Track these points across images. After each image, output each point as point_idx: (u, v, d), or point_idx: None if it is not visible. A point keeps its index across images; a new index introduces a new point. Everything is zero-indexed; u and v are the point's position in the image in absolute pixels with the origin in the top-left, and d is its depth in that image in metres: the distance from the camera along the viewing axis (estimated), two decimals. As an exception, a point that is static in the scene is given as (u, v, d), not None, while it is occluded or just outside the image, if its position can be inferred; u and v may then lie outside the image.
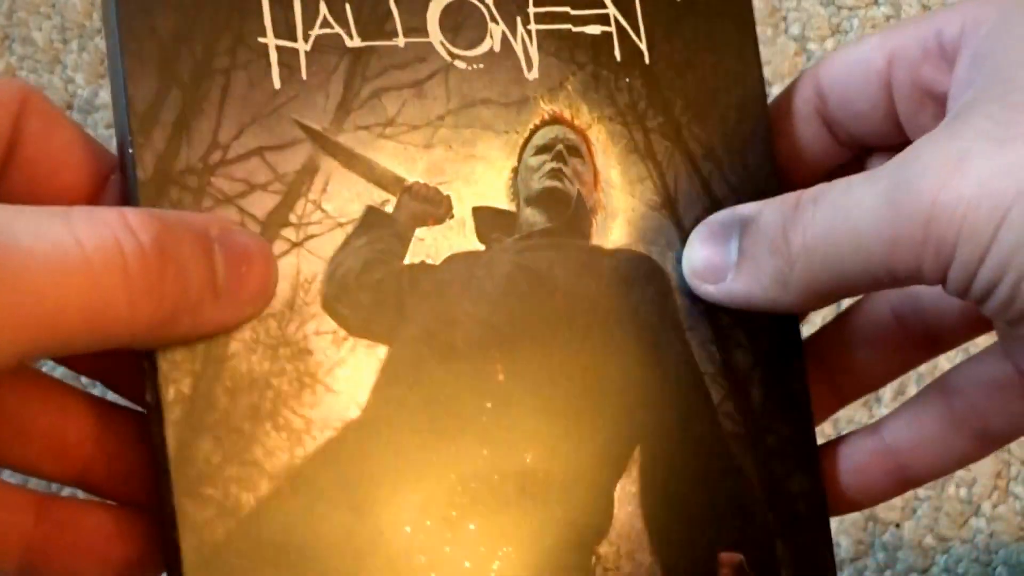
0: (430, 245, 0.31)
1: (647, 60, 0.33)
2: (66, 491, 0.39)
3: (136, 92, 0.28)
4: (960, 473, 0.33)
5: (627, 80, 0.33)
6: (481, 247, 0.31)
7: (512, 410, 0.31)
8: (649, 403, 0.32)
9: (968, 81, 0.31)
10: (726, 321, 0.33)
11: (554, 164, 0.32)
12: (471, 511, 0.30)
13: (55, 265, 0.24)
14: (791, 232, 0.30)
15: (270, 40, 0.30)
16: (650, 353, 0.32)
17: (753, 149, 0.34)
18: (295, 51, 0.30)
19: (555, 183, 0.32)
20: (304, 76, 0.30)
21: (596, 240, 0.32)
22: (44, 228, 0.24)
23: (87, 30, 0.52)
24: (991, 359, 0.34)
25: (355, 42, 0.30)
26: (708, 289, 0.32)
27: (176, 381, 0.28)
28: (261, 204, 0.29)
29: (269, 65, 0.30)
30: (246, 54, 0.29)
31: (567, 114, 0.32)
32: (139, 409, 0.30)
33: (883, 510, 0.50)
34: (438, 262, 0.31)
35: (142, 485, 0.29)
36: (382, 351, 0.30)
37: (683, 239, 0.33)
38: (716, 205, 0.33)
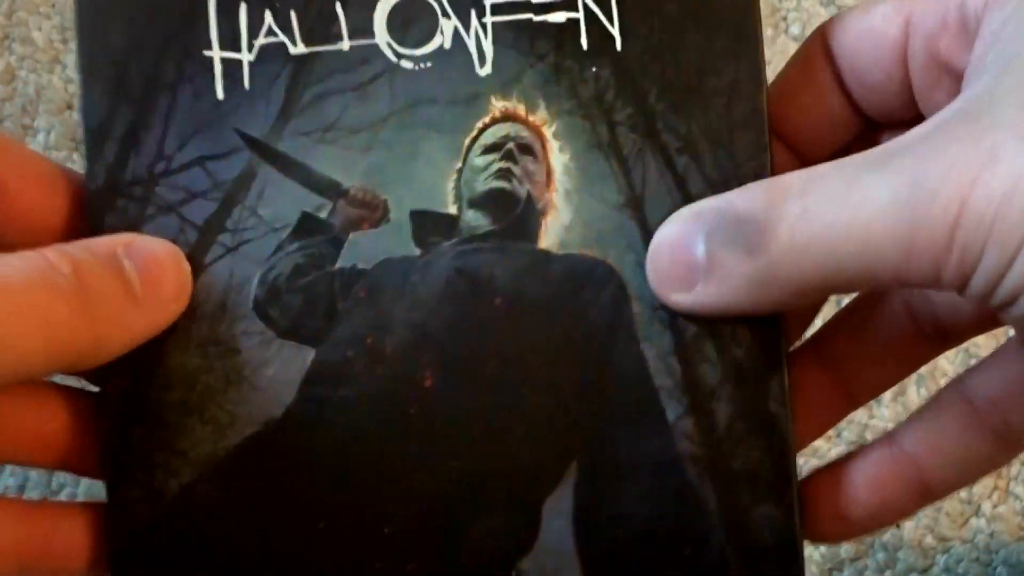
0: (365, 249, 0.31)
1: (618, 46, 0.31)
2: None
3: (90, 109, 0.31)
4: None
5: (593, 70, 0.31)
6: (417, 251, 0.31)
7: (437, 417, 0.30)
8: (590, 416, 0.30)
9: (987, 62, 0.27)
10: (692, 332, 0.30)
11: (502, 164, 0.31)
12: (386, 515, 0.30)
13: (10, 297, 0.27)
14: (775, 228, 0.27)
15: (215, 52, 0.31)
16: (595, 364, 0.30)
17: (744, 137, 0.30)
18: (239, 62, 0.31)
19: (501, 184, 0.31)
20: (247, 86, 0.31)
21: (545, 243, 0.31)
22: None
23: (88, 30, 0.54)
24: (1012, 357, 0.31)
25: (299, 48, 0.31)
26: (676, 299, 0.30)
27: (116, 374, 0.31)
28: (200, 211, 0.31)
29: (214, 77, 0.31)
30: (192, 67, 0.31)
31: (520, 110, 0.31)
32: None
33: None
34: (371, 267, 0.31)
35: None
36: (310, 353, 0.31)
37: (646, 240, 0.30)
38: (691, 202, 0.30)
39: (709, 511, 0.30)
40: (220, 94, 0.31)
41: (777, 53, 0.53)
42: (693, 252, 0.29)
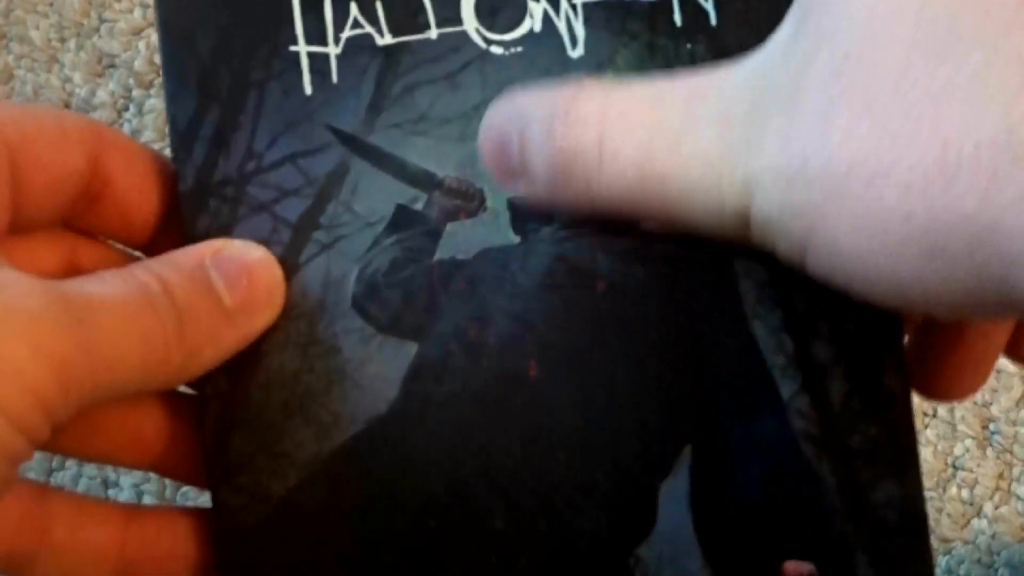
0: (463, 240, 0.30)
1: (713, 21, 0.30)
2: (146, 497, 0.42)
3: (177, 111, 0.31)
4: (962, 474, 0.30)
5: (688, 46, 0.30)
6: (516, 240, 0.30)
7: (544, 407, 0.30)
8: (702, 399, 0.30)
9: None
10: (803, 307, 0.30)
11: None
12: (498, 508, 0.30)
13: (114, 317, 0.27)
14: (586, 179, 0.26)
15: (301, 47, 0.31)
16: (705, 345, 0.30)
17: None
18: (326, 56, 0.31)
19: None
20: (335, 80, 0.31)
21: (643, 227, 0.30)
22: (98, 286, 0.27)
23: (84, 29, 0.53)
24: None
25: (386, 39, 0.31)
26: (512, 189, 0.29)
27: (214, 379, 0.30)
28: (293, 208, 0.31)
29: (301, 72, 0.31)
30: (279, 64, 0.31)
31: None
32: None
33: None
34: (470, 257, 0.30)
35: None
36: (412, 348, 0.30)
37: (749, 218, 0.30)
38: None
39: (828, 490, 0.29)
40: (308, 89, 0.31)
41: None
42: (511, 151, 0.28)
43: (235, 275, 0.29)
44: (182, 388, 0.32)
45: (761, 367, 0.30)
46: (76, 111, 0.56)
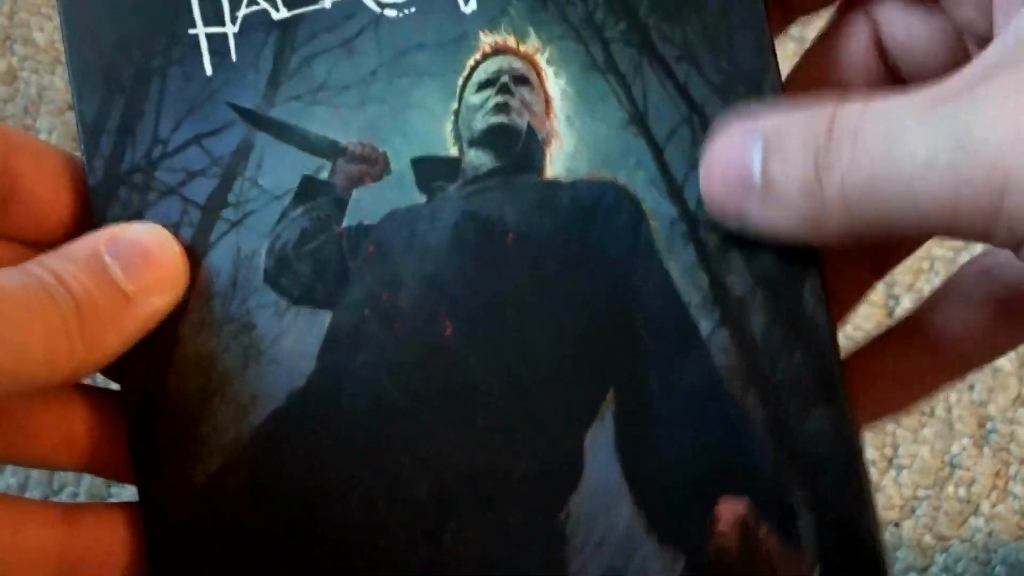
0: (370, 205, 0.30)
1: None
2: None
3: (84, 107, 0.31)
4: (959, 472, 0.31)
5: None
6: (423, 199, 0.30)
7: (461, 365, 0.29)
8: (621, 343, 0.29)
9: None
10: (716, 242, 0.29)
11: (498, 98, 0.30)
12: (421, 477, 0.29)
13: (16, 308, 0.27)
14: (825, 172, 0.26)
15: (200, 29, 0.31)
16: (619, 288, 0.29)
17: (743, 38, 0.29)
18: (224, 35, 0.31)
19: (500, 118, 0.30)
20: (234, 58, 0.31)
21: (552, 173, 0.30)
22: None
23: (88, 30, 0.54)
24: None
25: (281, 13, 0.31)
26: (729, 215, 0.28)
27: (132, 370, 0.30)
28: (201, 189, 0.30)
29: (201, 55, 0.31)
30: (179, 49, 0.31)
31: (511, 42, 0.30)
32: None
33: (882, 509, 0.50)
34: (378, 221, 0.30)
35: None
36: (326, 318, 0.30)
37: (656, 155, 0.29)
38: (697, 111, 0.29)
39: (756, 424, 0.28)
40: (209, 70, 0.31)
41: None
42: (749, 170, 0.27)
43: (131, 259, 0.29)
44: (110, 384, 0.32)
45: (678, 305, 0.29)
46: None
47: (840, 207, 0.25)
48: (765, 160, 0.27)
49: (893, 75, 0.31)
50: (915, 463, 0.51)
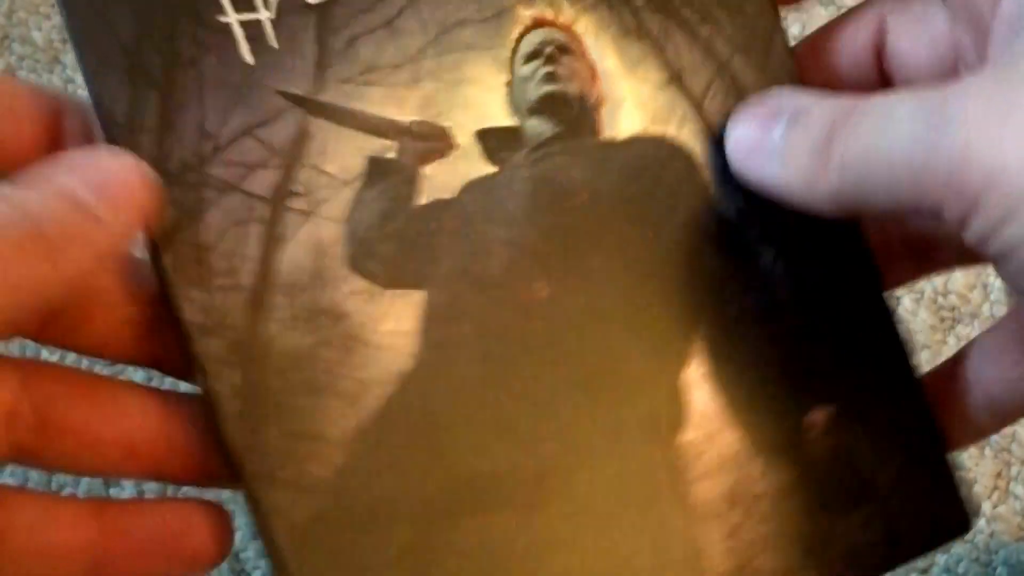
0: (442, 181, 0.30)
1: None
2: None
3: (110, 104, 0.28)
4: (960, 473, 0.32)
5: None
6: (494, 169, 0.31)
7: (562, 322, 0.30)
8: (695, 283, 0.31)
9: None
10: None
11: (546, 68, 0.31)
12: (544, 427, 0.30)
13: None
14: (834, 142, 0.28)
15: (231, 17, 0.29)
16: (687, 233, 0.31)
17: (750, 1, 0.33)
18: (258, 22, 0.29)
19: (552, 87, 0.31)
20: (275, 44, 0.29)
21: (607, 134, 0.31)
22: None
23: (86, 30, 0.52)
24: None
25: None
26: (747, 168, 0.31)
27: (226, 375, 0.28)
28: (264, 182, 0.29)
29: (236, 42, 0.29)
30: (211, 37, 0.29)
31: (548, 15, 0.31)
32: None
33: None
34: (454, 195, 0.30)
35: (213, 468, 0.30)
36: (419, 296, 0.30)
37: (697, 110, 0.32)
38: (722, 67, 0.32)
39: (823, 346, 0.32)
40: (248, 58, 0.29)
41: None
42: (770, 136, 0.30)
43: (90, 177, 0.26)
44: (183, 387, 0.29)
45: (741, 240, 0.32)
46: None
47: (836, 175, 0.28)
48: (789, 125, 0.30)
49: (884, 80, 0.34)
50: (916, 464, 0.51)
